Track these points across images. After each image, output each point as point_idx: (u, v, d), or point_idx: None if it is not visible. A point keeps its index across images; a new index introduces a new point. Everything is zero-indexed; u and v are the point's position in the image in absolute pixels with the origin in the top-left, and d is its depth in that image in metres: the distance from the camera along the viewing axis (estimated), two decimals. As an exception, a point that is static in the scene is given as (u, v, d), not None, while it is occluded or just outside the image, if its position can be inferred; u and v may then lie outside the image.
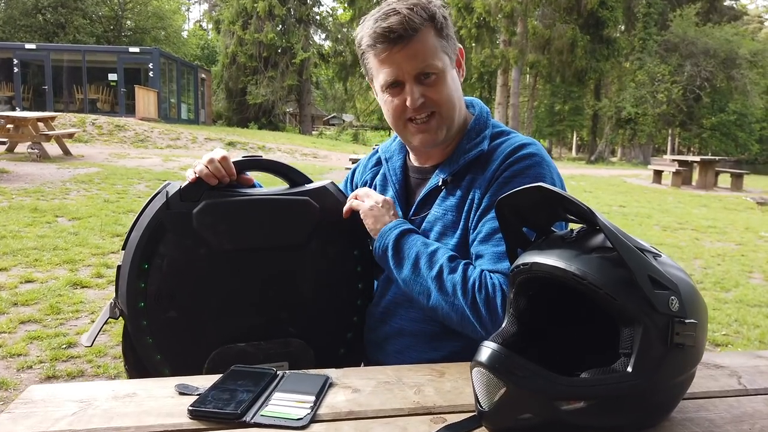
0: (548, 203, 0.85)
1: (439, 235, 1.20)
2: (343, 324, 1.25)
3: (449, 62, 1.19)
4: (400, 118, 1.20)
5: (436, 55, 1.15)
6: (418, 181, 1.30)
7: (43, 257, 4.59)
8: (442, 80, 1.17)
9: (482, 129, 1.25)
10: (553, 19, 26.24)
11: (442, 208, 1.21)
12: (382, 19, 1.13)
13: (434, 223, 1.22)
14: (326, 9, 40.23)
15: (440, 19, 1.16)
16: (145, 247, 1.11)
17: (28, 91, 22.05)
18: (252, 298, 1.16)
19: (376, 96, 1.29)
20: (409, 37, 1.12)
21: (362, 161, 1.47)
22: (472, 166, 1.21)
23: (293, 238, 1.18)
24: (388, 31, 1.12)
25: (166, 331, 1.12)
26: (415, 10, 1.13)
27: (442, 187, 1.23)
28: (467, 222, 1.18)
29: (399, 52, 1.13)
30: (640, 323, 0.74)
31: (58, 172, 9.27)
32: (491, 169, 1.18)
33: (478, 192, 1.17)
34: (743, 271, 5.67)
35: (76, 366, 2.77)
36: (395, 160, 1.35)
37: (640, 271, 0.73)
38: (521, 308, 0.89)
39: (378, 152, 1.42)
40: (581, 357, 0.90)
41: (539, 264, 0.80)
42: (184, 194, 1.14)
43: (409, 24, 1.11)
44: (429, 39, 1.15)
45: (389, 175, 1.33)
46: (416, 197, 1.27)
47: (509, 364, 0.74)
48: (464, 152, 1.22)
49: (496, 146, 1.21)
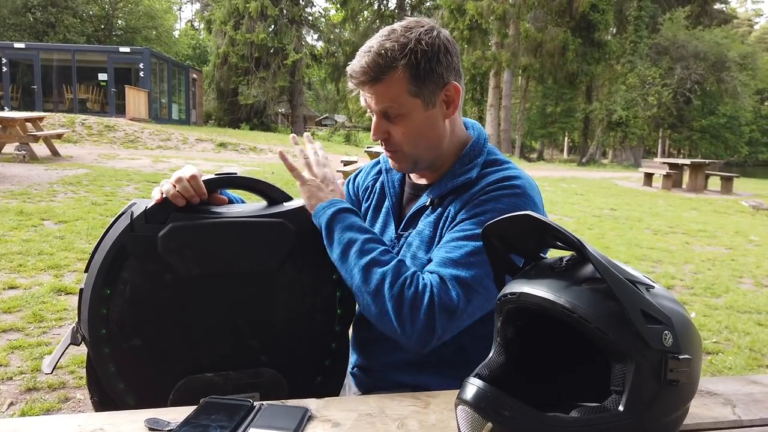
0: (536, 231, 0.81)
1: (417, 249, 1.20)
2: (320, 352, 1.19)
3: (422, 104, 1.15)
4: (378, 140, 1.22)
5: (400, 98, 1.14)
6: (411, 196, 1.30)
7: (28, 262, 4.51)
8: (406, 121, 1.16)
9: (476, 155, 1.23)
10: (545, 22, 26.29)
11: (422, 225, 1.21)
12: (361, 55, 1.14)
13: (414, 238, 1.22)
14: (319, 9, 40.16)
15: (417, 61, 1.11)
16: (108, 271, 1.06)
17: (17, 91, 21.83)
18: (220, 325, 1.11)
19: None
20: (375, 80, 1.12)
21: (366, 167, 1.46)
22: (458, 190, 1.20)
23: (266, 263, 1.13)
24: (355, 72, 1.13)
25: (130, 360, 1.07)
26: (388, 54, 1.11)
27: (428, 206, 1.23)
28: (441, 239, 1.17)
29: (366, 90, 1.15)
30: (633, 360, 0.70)
31: (45, 174, 9.16)
32: (471, 192, 1.17)
33: (454, 210, 1.17)
34: (733, 276, 5.68)
35: (58, 378, 2.71)
36: (395, 172, 1.35)
37: (632, 306, 0.70)
38: (509, 338, 0.85)
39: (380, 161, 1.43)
40: (571, 389, 0.87)
41: (528, 294, 0.76)
42: (150, 216, 1.08)
43: (375, 70, 1.11)
44: (395, 83, 1.12)
45: (387, 188, 1.34)
46: (407, 213, 1.28)
47: (496, 404, 0.71)
48: (454, 176, 1.21)
49: (484, 175, 1.20)
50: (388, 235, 1.28)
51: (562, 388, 0.86)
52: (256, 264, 1.12)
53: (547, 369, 0.87)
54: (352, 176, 1.47)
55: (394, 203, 1.30)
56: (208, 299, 1.10)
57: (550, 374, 0.87)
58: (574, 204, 10.46)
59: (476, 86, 32.16)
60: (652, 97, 27.03)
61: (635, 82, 27.55)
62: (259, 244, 1.13)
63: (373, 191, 1.38)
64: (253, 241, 1.12)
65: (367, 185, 1.41)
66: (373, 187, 1.39)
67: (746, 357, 3.55)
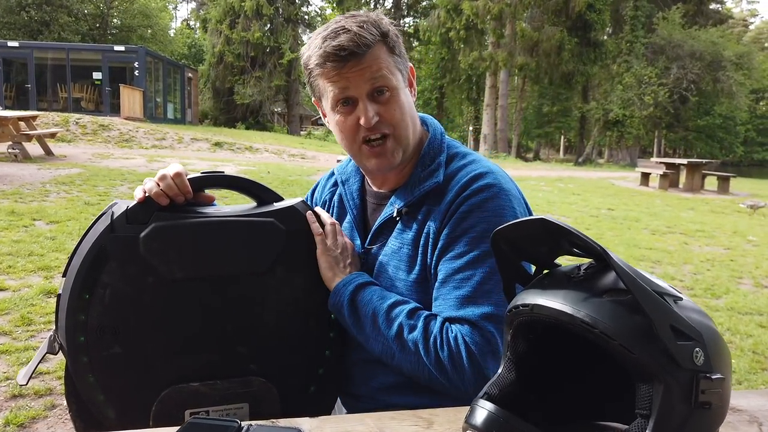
0: (551, 236, 0.74)
1: (396, 269, 1.12)
2: (312, 359, 1.12)
3: (402, 80, 1.12)
4: (354, 139, 1.12)
5: (389, 70, 1.09)
6: (374, 206, 1.23)
7: (18, 264, 4.42)
8: (395, 98, 1.10)
9: (436, 154, 1.16)
10: (542, 22, 26.26)
11: (398, 241, 1.14)
12: (332, 37, 1.06)
13: (391, 257, 1.14)
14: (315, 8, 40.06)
15: (392, 36, 1.11)
16: (86, 275, 0.99)
17: (11, 90, 21.70)
18: (207, 332, 1.04)
19: (323, 117, 1.20)
20: (362, 54, 1.05)
21: (321, 180, 1.38)
22: (427, 197, 1.13)
23: (255, 265, 1.06)
24: (338, 48, 1.04)
25: (110, 369, 1.00)
26: (365, 27, 1.07)
27: (397, 218, 1.15)
28: (425, 257, 1.10)
29: (351, 70, 1.06)
30: (661, 380, 0.63)
31: (38, 173, 9.05)
32: (446, 200, 1.10)
33: (434, 225, 1.10)
34: (733, 277, 5.63)
35: (45, 383, 2.63)
36: (352, 183, 1.27)
37: (661, 320, 0.63)
38: (520, 352, 0.78)
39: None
40: (588, 408, 0.80)
41: (542, 307, 0.69)
42: (131, 216, 1.02)
43: (361, 40, 1.05)
44: (381, 55, 1.08)
45: (346, 200, 1.25)
46: (372, 225, 1.19)
47: (508, 430, 0.64)
48: (419, 182, 1.14)
49: (452, 175, 1.13)
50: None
51: (577, 407, 0.79)
52: (244, 266, 1.06)
53: (561, 386, 0.80)
54: (309, 193, 1.40)
55: (356, 216, 1.23)
56: (193, 304, 1.04)
57: (564, 392, 0.80)
58: (572, 204, 10.41)
59: (472, 86, 32.14)
60: (649, 97, 27.04)
61: (632, 82, 27.56)
62: (248, 244, 1.06)
63: (332, 205, 1.30)
64: (242, 242, 1.06)
65: (324, 199, 1.33)
66: (330, 200, 1.31)
67: (749, 360, 3.49)
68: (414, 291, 1.10)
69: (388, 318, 1.05)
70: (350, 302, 1.08)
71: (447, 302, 1.04)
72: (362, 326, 1.08)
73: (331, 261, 1.12)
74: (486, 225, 1.05)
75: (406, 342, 1.02)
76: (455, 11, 25.67)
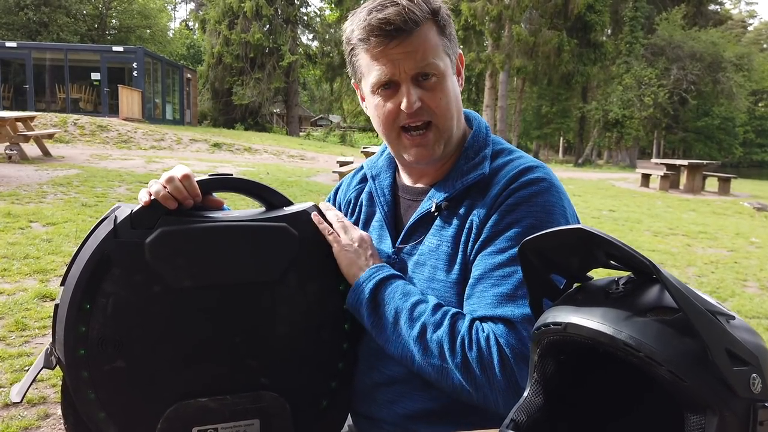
0: (585, 246, 0.67)
1: (434, 269, 1.03)
2: (325, 372, 1.06)
3: (450, 65, 1.04)
4: (392, 125, 1.03)
5: (437, 54, 1.00)
6: (409, 202, 1.13)
7: (13, 267, 4.34)
8: (442, 84, 1.01)
9: (481, 147, 1.08)
10: (539, 24, 26.21)
11: (437, 239, 1.04)
12: (378, 10, 0.97)
13: (428, 256, 1.04)
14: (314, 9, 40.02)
15: (444, 15, 1.02)
16: (87, 283, 0.92)
17: (9, 91, 21.61)
18: (216, 343, 0.98)
19: (361, 102, 1.12)
20: (409, 30, 0.96)
21: (346, 179, 1.29)
22: (470, 190, 1.04)
23: (266, 273, 1.00)
24: (384, 22, 0.95)
25: (112, 384, 0.94)
26: (415, 2, 0.97)
27: (435, 214, 1.05)
28: (466, 255, 1.01)
29: (396, 47, 0.97)
30: (715, 411, 0.57)
31: (35, 174, 8.96)
32: (492, 194, 1.01)
33: (477, 220, 1.01)
34: (738, 280, 5.57)
35: (39, 392, 2.56)
36: (383, 177, 1.17)
37: (716, 344, 0.56)
38: (548, 374, 0.71)
39: (363, 169, 1.24)
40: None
41: (577, 326, 0.63)
42: (136, 220, 0.95)
43: (409, 16, 0.95)
44: (431, 35, 0.99)
45: (376, 196, 1.16)
46: (406, 222, 1.10)
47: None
48: (462, 174, 1.05)
49: (499, 168, 1.04)
50: (383, 250, 1.11)
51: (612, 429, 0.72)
52: (255, 274, 1.00)
53: (595, 415, 0.73)
54: (331, 193, 1.31)
55: (387, 213, 1.13)
56: (201, 314, 0.98)
57: (598, 422, 0.73)
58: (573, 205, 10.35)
59: (471, 87, 32.10)
60: (648, 98, 27.03)
61: (631, 83, 27.54)
62: (260, 251, 1.00)
63: (358, 203, 1.21)
64: (253, 248, 1.00)
65: (349, 198, 1.24)
66: (357, 198, 1.22)
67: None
68: (454, 293, 1.01)
69: (410, 318, 0.97)
70: (371, 300, 1.00)
71: (482, 300, 0.95)
72: (383, 327, 1.00)
73: (352, 256, 1.04)
74: (533, 220, 0.97)
75: (429, 343, 0.94)
76: (454, 12, 25.61)
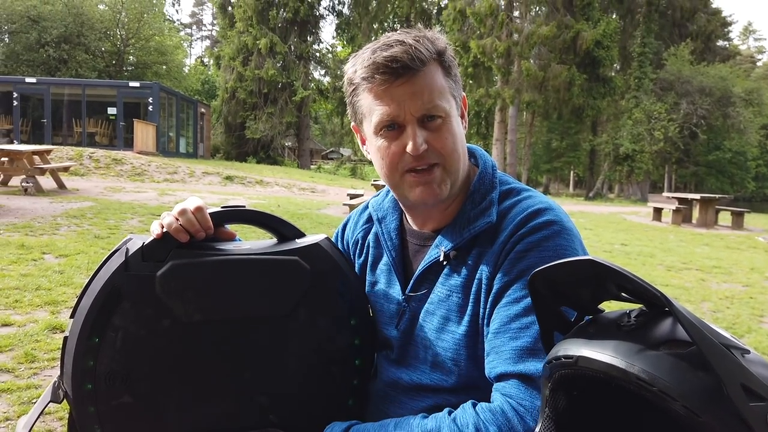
0: (596, 278, 0.67)
1: (444, 320, 0.99)
2: (335, 409, 1.04)
3: (455, 107, 1.01)
4: (396, 168, 0.99)
5: (443, 95, 0.97)
6: (417, 247, 1.09)
7: (24, 298, 4.36)
8: (448, 126, 0.98)
9: (488, 190, 1.03)
10: (548, 59, 26.54)
11: (445, 288, 1.00)
12: (383, 49, 0.95)
13: (438, 306, 1.01)
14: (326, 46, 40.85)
15: (449, 57, 1.00)
16: (97, 316, 0.92)
17: (27, 125, 22.12)
18: (225, 379, 0.97)
19: (361, 145, 1.08)
20: (416, 69, 0.94)
21: (353, 215, 1.26)
22: (478, 238, 1.00)
23: (277, 307, 0.99)
24: (390, 60, 0.93)
25: (119, 420, 0.93)
26: (421, 41, 0.96)
27: (444, 263, 1.01)
28: (477, 306, 0.97)
29: (401, 86, 0.94)
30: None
31: (50, 206, 9.08)
32: (500, 240, 0.97)
33: (487, 269, 0.97)
34: (754, 315, 5.46)
35: (46, 425, 2.54)
36: (389, 221, 1.13)
37: (731, 379, 0.55)
38: (560, 409, 0.70)
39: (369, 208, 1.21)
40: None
41: (589, 359, 0.62)
42: (148, 253, 0.95)
43: (416, 54, 0.93)
44: (437, 76, 0.97)
45: (383, 240, 1.12)
46: (415, 267, 1.06)
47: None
48: (469, 222, 1.01)
49: (506, 211, 1.00)
50: (392, 296, 1.08)
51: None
52: (266, 308, 0.99)
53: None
54: (339, 229, 1.27)
55: (395, 258, 1.09)
56: (210, 349, 0.97)
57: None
58: (585, 239, 10.13)
59: (481, 121, 32.35)
60: (658, 132, 27.07)
61: (641, 117, 27.64)
62: (271, 285, 0.99)
63: (366, 244, 1.17)
64: (264, 282, 0.99)
65: (357, 238, 1.20)
66: (364, 239, 1.18)
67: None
68: (463, 346, 0.97)
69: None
70: None
71: (501, 356, 0.90)
72: None
73: None
74: None
75: None
76: (463, 48, 26.03)
